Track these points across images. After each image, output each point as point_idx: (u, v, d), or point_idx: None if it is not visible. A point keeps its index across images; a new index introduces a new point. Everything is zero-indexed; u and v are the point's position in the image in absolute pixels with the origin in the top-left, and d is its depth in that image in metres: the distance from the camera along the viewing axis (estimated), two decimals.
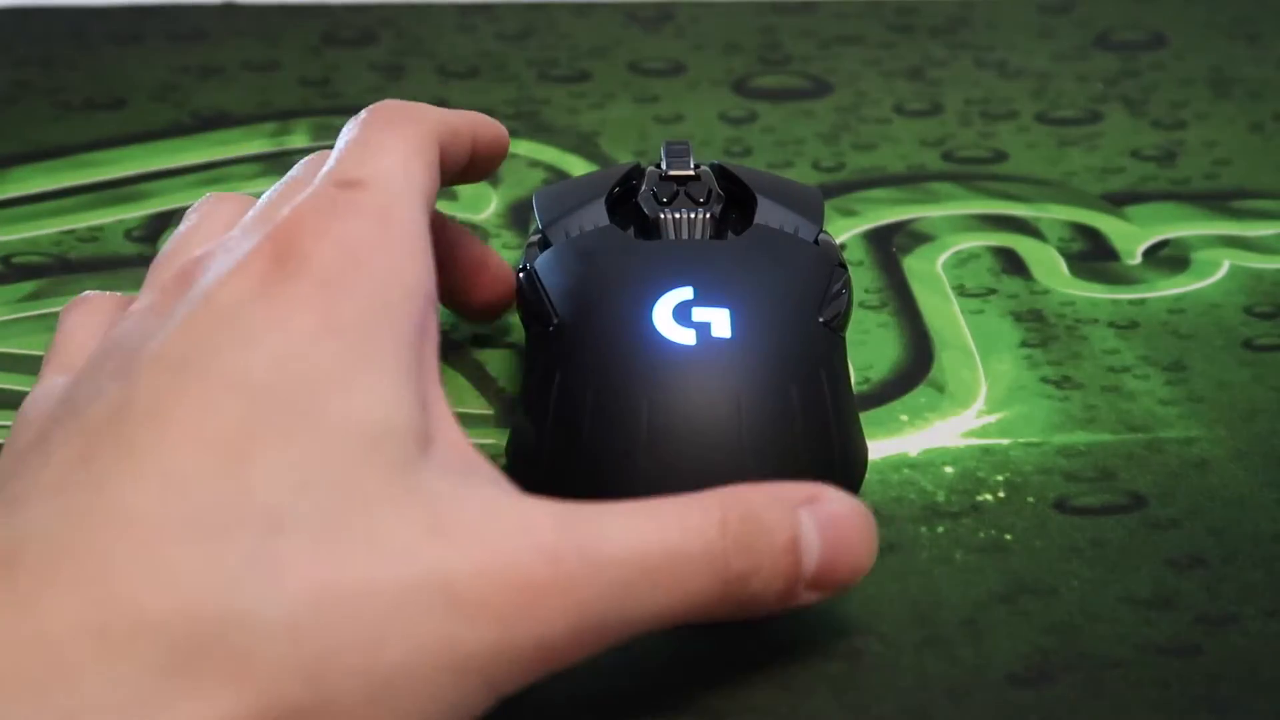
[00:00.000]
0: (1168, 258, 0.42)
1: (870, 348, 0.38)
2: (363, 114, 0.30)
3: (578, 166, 0.46)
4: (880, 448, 0.34)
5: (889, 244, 0.42)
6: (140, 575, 0.22)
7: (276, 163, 0.46)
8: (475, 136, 0.32)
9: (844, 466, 0.31)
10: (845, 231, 0.43)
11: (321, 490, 0.23)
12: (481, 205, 0.44)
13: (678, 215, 0.33)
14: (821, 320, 0.31)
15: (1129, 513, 0.32)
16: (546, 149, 0.47)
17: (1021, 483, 0.33)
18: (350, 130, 0.29)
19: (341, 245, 0.26)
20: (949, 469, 0.33)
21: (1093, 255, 0.42)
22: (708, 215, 0.33)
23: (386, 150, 0.28)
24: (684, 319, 0.30)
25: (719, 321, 0.30)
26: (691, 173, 0.34)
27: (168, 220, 0.43)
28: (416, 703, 0.23)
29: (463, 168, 0.32)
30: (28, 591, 0.21)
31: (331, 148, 0.30)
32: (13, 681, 0.21)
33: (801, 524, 0.26)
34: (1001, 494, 0.33)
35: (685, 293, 0.31)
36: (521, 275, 0.34)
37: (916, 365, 0.37)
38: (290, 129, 0.48)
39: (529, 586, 0.23)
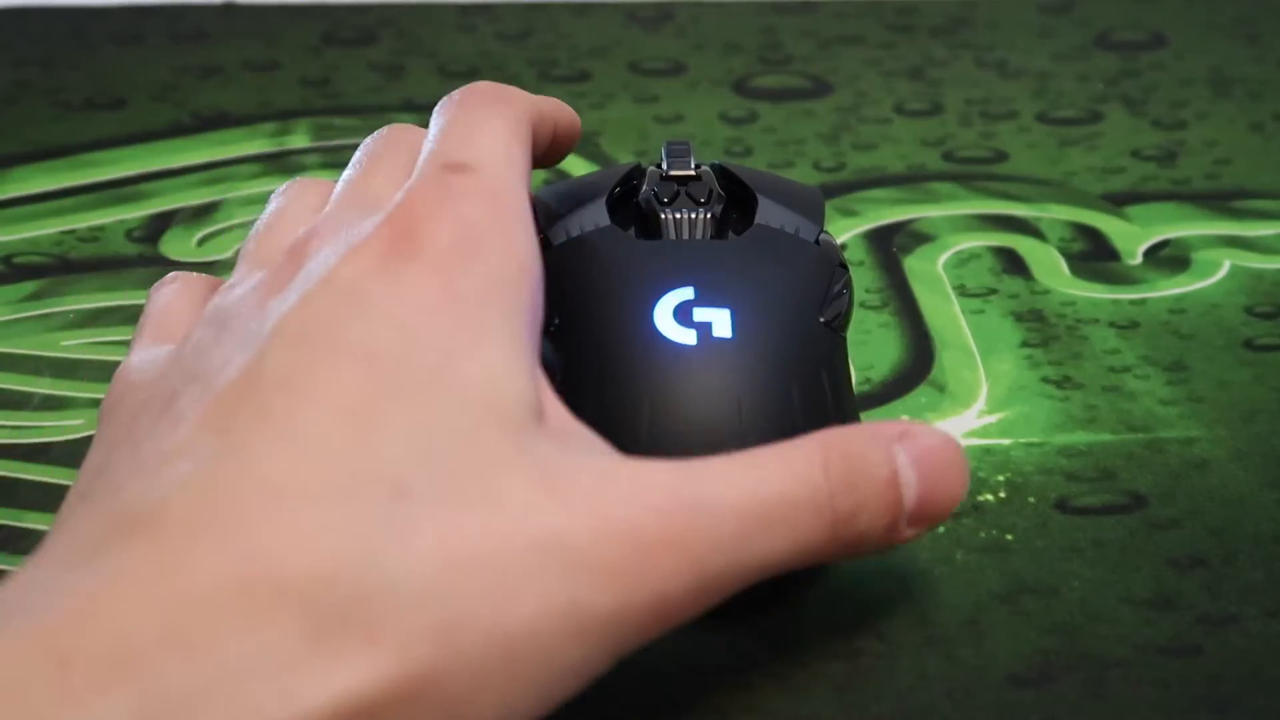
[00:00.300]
0: (1168, 258, 0.42)
1: (871, 348, 0.38)
2: (457, 95, 0.30)
3: (578, 166, 0.45)
4: None
5: (889, 244, 0.42)
6: (279, 538, 0.22)
7: (276, 163, 0.46)
8: (556, 121, 0.33)
9: None
10: (846, 231, 0.43)
11: (443, 455, 0.24)
12: None
13: (678, 215, 0.33)
14: (822, 320, 0.31)
15: (1129, 513, 0.32)
16: None
17: (1022, 483, 0.33)
18: (447, 111, 0.30)
19: (457, 227, 0.26)
20: None
21: (1093, 255, 0.42)
22: (708, 215, 0.33)
23: (488, 133, 0.29)
24: (685, 319, 0.30)
25: (720, 322, 0.30)
26: (692, 173, 0.34)
27: (168, 220, 0.43)
28: (540, 666, 0.23)
29: (543, 151, 0.33)
30: (173, 551, 0.22)
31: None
32: (163, 639, 0.21)
33: (898, 459, 0.26)
34: (1002, 494, 0.33)
35: (686, 293, 0.31)
36: None
37: (917, 365, 0.37)
38: (290, 129, 0.48)
39: (645, 545, 0.24)
